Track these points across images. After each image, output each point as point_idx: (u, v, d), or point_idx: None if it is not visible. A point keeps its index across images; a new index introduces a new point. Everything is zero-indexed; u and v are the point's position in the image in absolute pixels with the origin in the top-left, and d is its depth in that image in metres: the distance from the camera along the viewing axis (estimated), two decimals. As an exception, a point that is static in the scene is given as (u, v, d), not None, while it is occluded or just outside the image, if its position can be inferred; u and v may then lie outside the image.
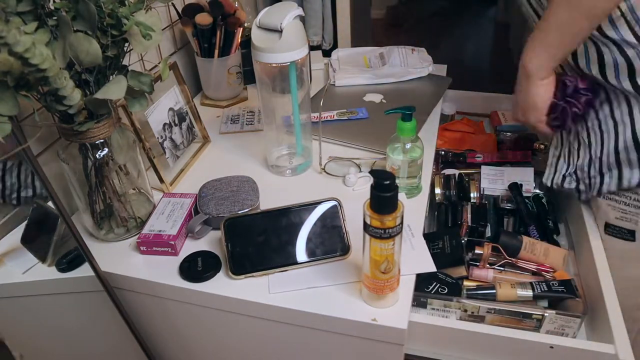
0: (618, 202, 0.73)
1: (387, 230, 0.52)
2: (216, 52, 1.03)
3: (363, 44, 1.34)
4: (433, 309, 0.70)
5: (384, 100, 1.04)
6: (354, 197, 0.78)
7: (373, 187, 0.51)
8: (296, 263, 0.66)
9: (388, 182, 0.50)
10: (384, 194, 0.51)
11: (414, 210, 0.75)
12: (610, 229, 0.75)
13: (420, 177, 0.78)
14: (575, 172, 0.78)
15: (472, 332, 0.63)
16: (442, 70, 1.19)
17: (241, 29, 1.04)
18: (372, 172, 0.52)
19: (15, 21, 0.52)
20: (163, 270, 0.68)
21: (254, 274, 0.65)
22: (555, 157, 0.83)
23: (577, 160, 0.77)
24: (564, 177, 0.80)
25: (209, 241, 0.72)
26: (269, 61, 0.72)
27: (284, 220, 0.68)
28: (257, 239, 0.67)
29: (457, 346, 0.66)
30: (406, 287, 0.63)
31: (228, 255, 0.66)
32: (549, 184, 0.82)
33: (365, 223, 0.54)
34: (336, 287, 0.64)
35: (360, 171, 0.83)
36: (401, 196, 0.77)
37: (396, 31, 3.58)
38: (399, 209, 0.52)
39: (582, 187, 0.77)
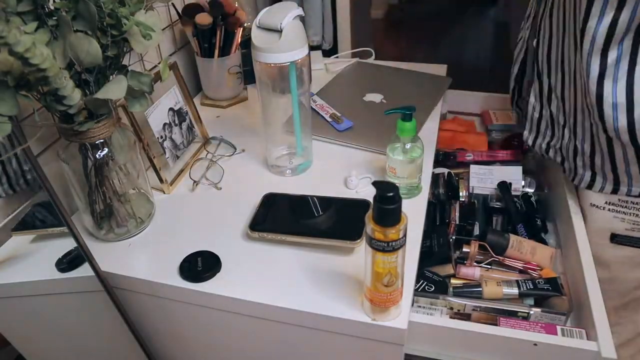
0: (628, 214, 0.72)
1: (390, 243, 0.51)
2: (216, 52, 1.03)
3: (363, 44, 1.34)
4: (419, 306, 0.71)
5: (384, 100, 1.04)
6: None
7: (376, 200, 0.50)
8: (309, 236, 0.68)
9: (392, 194, 0.49)
10: (387, 207, 0.49)
11: (414, 210, 0.75)
12: (619, 239, 0.74)
13: (420, 177, 0.78)
14: (560, 149, 0.77)
15: (473, 332, 0.63)
16: (442, 70, 1.19)
17: (241, 29, 1.04)
18: (375, 184, 0.50)
19: (16, 21, 0.52)
20: (163, 270, 0.68)
21: (267, 234, 0.69)
22: (537, 116, 0.82)
23: (562, 139, 0.76)
24: (549, 145, 0.79)
25: (209, 241, 0.72)
26: (268, 61, 0.72)
27: (315, 205, 0.74)
28: (284, 212, 0.73)
29: (458, 346, 0.66)
30: (406, 287, 0.63)
31: (254, 216, 0.72)
32: (530, 144, 0.82)
33: (367, 235, 0.52)
34: (336, 287, 0.64)
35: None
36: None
37: (396, 31, 3.58)
38: (402, 221, 0.51)
39: (567, 169, 0.76)
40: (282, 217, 0.73)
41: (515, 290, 0.71)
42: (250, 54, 0.75)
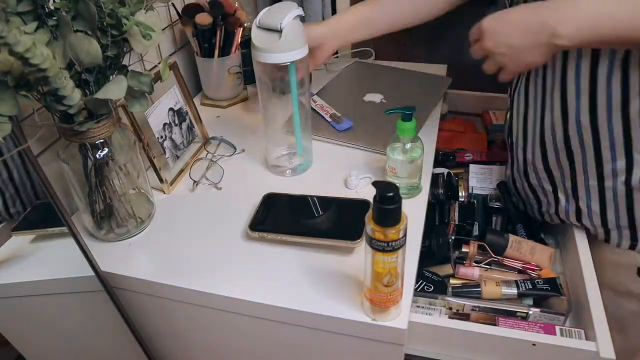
0: None
1: (390, 243, 0.51)
2: (216, 52, 1.03)
3: (363, 44, 1.34)
4: (418, 306, 0.71)
5: (384, 100, 1.04)
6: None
7: (376, 200, 0.50)
8: (309, 236, 0.68)
9: (392, 194, 0.49)
10: (387, 207, 0.49)
11: (414, 210, 0.75)
12: None
13: (420, 177, 0.78)
14: (556, 213, 0.77)
15: (472, 332, 0.64)
16: (442, 70, 1.19)
17: (241, 29, 1.04)
18: (375, 184, 0.51)
19: (16, 21, 0.52)
20: (163, 270, 0.68)
21: (267, 234, 0.69)
22: (519, 186, 0.82)
23: (557, 204, 0.76)
24: (541, 212, 0.79)
25: (209, 241, 0.72)
26: (269, 61, 0.72)
27: (315, 205, 0.74)
28: (284, 212, 0.74)
29: (457, 346, 0.66)
30: (405, 287, 0.63)
31: (254, 216, 0.72)
32: (546, 219, 0.81)
33: (367, 235, 0.52)
34: (336, 287, 0.64)
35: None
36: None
37: (396, 31, 3.57)
38: (402, 221, 0.51)
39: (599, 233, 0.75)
40: (282, 217, 0.73)
41: (514, 291, 0.71)
42: (250, 54, 0.75)
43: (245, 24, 1.06)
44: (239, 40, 1.05)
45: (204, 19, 0.98)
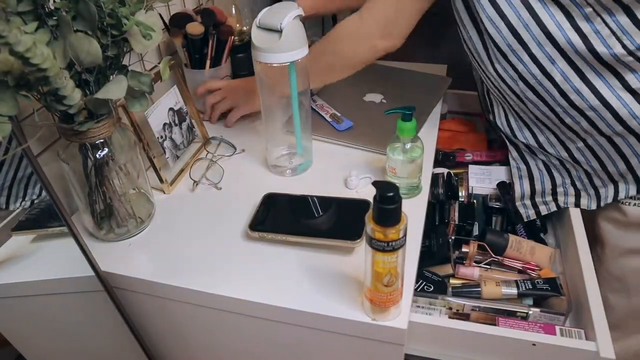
0: None
1: (390, 243, 0.51)
2: (208, 62, 0.99)
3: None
4: (418, 306, 0.71)
5: (384, 100, 1.04)
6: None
7: (376, 199, 0.50)
8: (310, 236, 0.68)
9: (392, 194, 0.49)
10: (387, 207, 0.49)
11: (414, 210, 0.75)
12: None
13: (420, 177, 0.78)
14: (570, 187, 0.80)
15: (472, 332, 0.64)
16: (442, 70, 1.19)
17: (232, 37, 1.02)
18: (375, 184, 0.51)
19: (16, 21, 0.52)
20: (163, 270, 0.68)
21: (267, 234, 0.70)
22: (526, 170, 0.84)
23: (569, 175, 0.79)
24: (555, 199, 0.81)
25: (209, 241, 0.72)
26: (269, 61, 0.72)
27: (315, 205, 0.74)
28: (284, 212, 0.74)
29: (457, 346, 0.66)
30: (405, 287, 0.63)
31: (254, 216, 0.72)
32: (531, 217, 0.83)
33: (367, 235, 0.52)
34: (336, 287, 0.64)
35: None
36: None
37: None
38: (402, 221, 0.51)
39: (583, 200, 0.79)
40: (282, 217, 0.73)
41: (514, 291, 0.71)
42: (244, 59, 0.74)
43: (241, 32, 1.04)
44: (229, 50, 1.01)
45: (195, 28, 0.94)
